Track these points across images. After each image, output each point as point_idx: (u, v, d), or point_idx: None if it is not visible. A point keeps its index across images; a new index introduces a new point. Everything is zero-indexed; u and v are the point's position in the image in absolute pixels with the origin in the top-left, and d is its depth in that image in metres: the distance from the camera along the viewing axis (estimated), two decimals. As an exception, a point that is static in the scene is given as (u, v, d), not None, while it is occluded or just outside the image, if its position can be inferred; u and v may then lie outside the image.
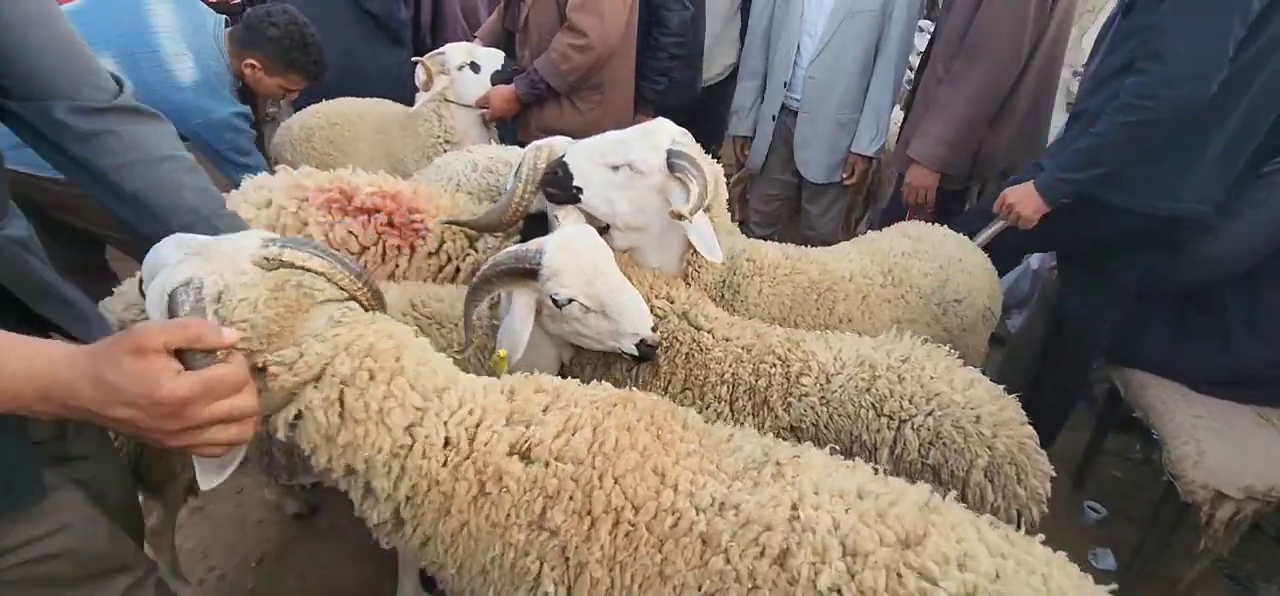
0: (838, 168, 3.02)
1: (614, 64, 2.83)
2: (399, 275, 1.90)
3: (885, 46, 2.81)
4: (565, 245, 1.35)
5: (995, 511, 1.26)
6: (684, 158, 1.53)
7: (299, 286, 0.94)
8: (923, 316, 1.88)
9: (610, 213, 1.57)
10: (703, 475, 1.00)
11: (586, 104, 2.85)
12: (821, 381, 1.39)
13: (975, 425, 1.27)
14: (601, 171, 1.54)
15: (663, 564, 0.94)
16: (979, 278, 1.95)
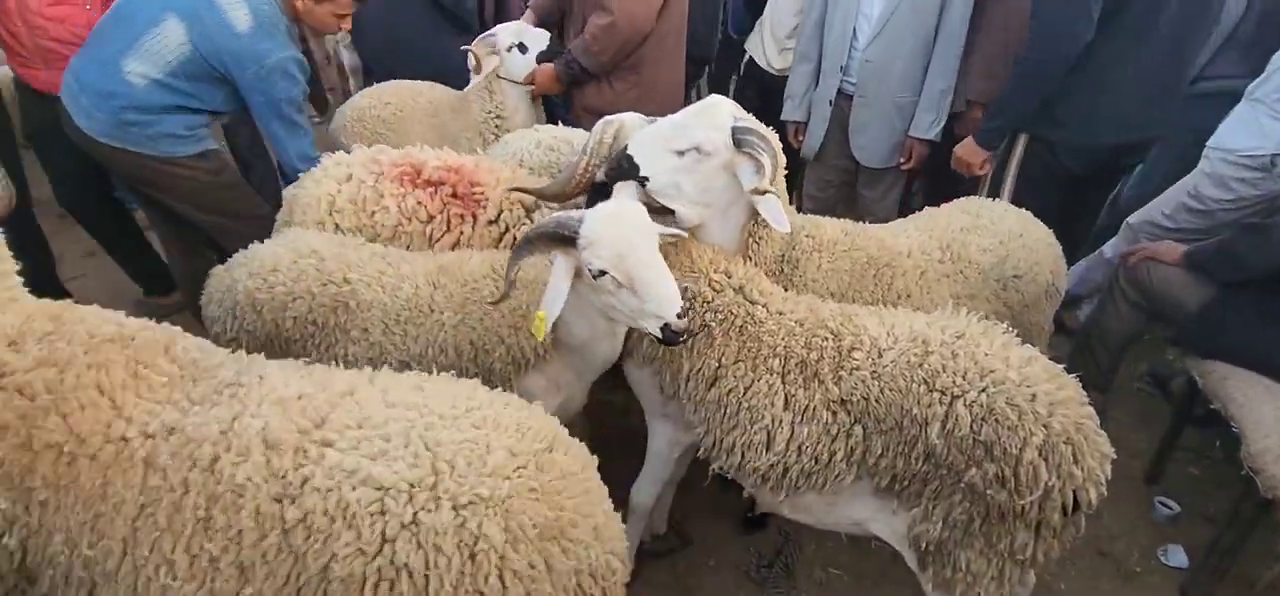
0: (895, 152, 2.97)
1: (652, 45, 2.89)
2: (464, 241, 2.04)
3: (945, 28, 2.74)
4: (606, 217, 1.41)
5: (1049, 491, 1.25)
6: (750, 132, 1.57)
7: None
8: (982, 292, 1.86)
9: (677, 196, 1.61)
10: (162, 405, 1.15)
11: (622, 84, 2.92)
12: (873, 355, 1.40)
13: (1030, 403, 1.26)
14: (667, 157, 1.58)
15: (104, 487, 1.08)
16: (1041, 252, 1.91)
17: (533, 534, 1.10)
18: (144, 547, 1.07)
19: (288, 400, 1.17)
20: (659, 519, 2.38)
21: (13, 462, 1.08)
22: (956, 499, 1.33)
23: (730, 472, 1.65)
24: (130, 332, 1.22)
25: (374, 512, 1.05)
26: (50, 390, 1.11)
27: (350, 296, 1.73)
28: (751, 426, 1.50)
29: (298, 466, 1.08)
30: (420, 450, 1.10)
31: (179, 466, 1.09)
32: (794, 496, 1.56)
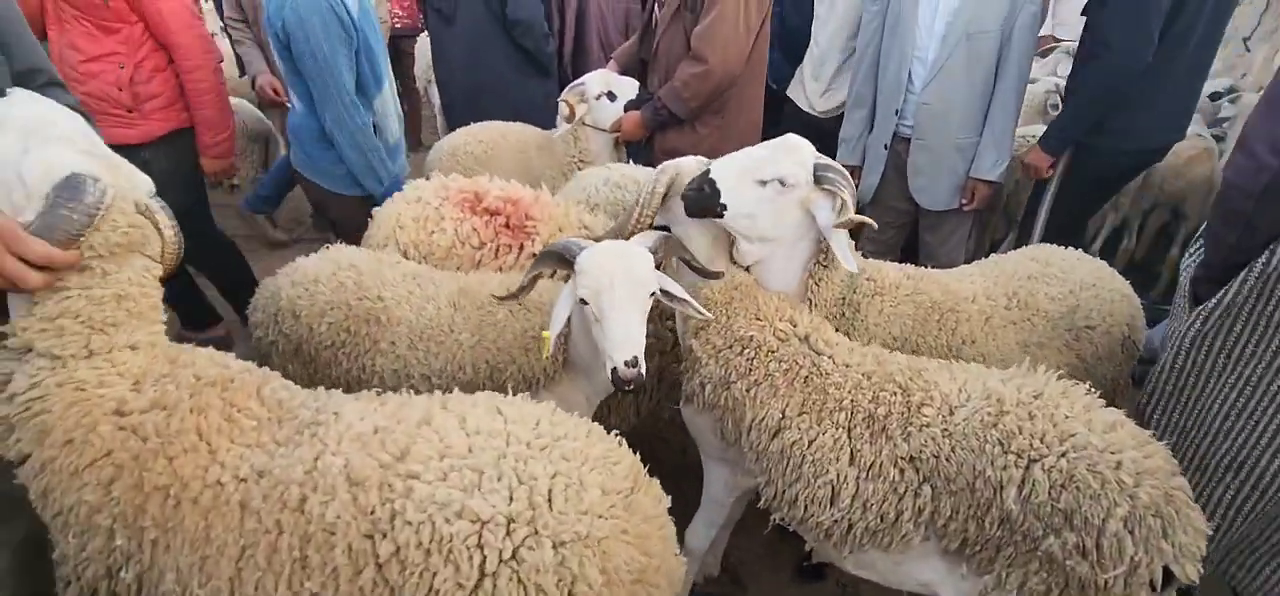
0: (956, 193, 2.92)
1: (737, 89, 2.96)
2: (505, 268, 2.17)
3: (1006, 67, 2.70)
4: (603, 251, 1.50)
5: (1136, 566, 1.19)
6: (831, 169, 1.60)
7: (144, 235, 1.22)
8: (1052, 342, 1.81)
9: (751, 227, 1.63)
10: (252, 448, 1.20)
11: (706, 127, 3.00)
12: (944, 412, 1.37)
13: (1115, 471, 1.20)
14: (749, 187, 1.59)
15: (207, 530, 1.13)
16: (1116, 304, 1.85)
17: (626, 578, 1.12)
18: (249, 586, 1.12)
19: (366, 435, 1.20)
20: (713, 561, 2.36)
21: (127, 502, 1.15)
22: (1033, 567, 1.28)
23: (793, 524, 1.62)
24: (230, 376, 1.29)
25: (472, 546, 1.06)
26: (159, 433, 1.17)
27: (382, 311, 1.84)
28: (815, 480, 1.48)
29: (385, 501, 1.11)
30: (514, 483, 1.11)
31: (271, 509, 1.13)
32: (858, 553, 1.52)
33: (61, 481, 1.16)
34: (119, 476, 1.15)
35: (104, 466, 1.15)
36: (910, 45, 2.80)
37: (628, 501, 1.18)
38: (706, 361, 1.67)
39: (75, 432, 1.14)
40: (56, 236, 1.10)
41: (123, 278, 1.19)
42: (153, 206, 1.24)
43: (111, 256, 1.17)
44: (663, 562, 1.21)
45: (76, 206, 1.10)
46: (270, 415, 1.27)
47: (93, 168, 1.14)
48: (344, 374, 1.85)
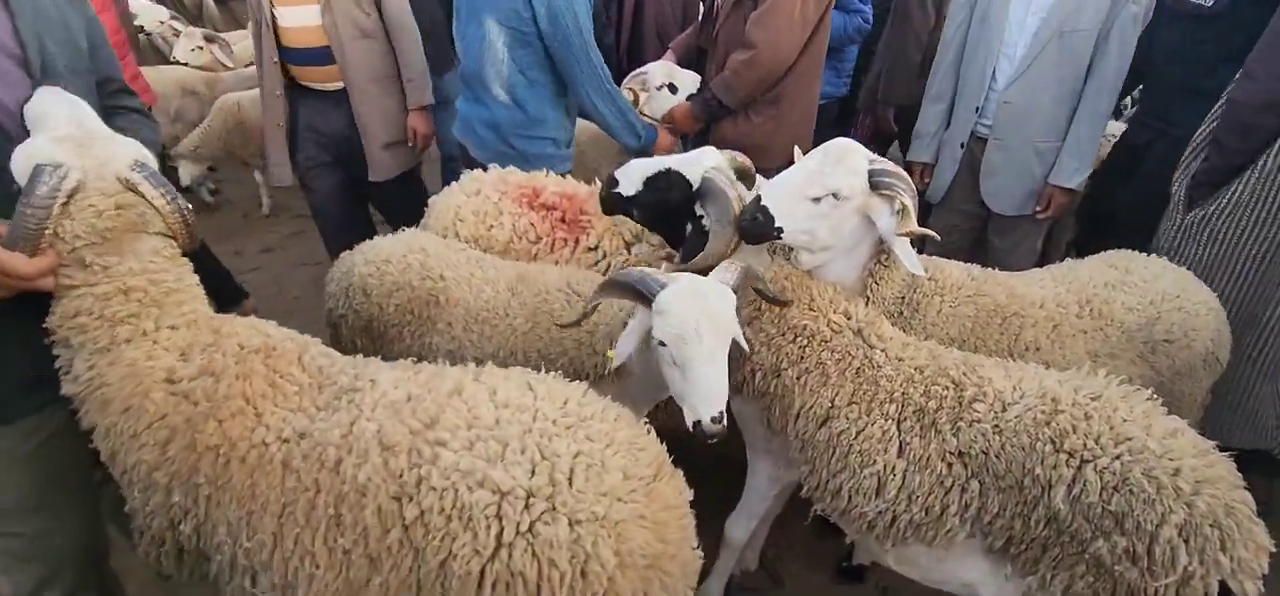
0: (1031, 199, 2.87)
1: (792, 80, 2.96)
2: (561, 262, 2.27)
3: (1099, 69, 2.64)
4: (686, 293, 1.43)
5: (1189, 577, 1.20)
6: (887, 174, 1.64)
7: (141, 215, 1.26)
8: (1126, 353, 1.80)
9: (810, 242, 1.69)
10: (294, 412, 1.30)
11: (760, 117, 3.02)
12: (996, 409, 1.41)
13: (1172, 477, 1.22)
14: (802, 206, 1.64)
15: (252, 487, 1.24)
16: (1201, 319, 1.82)
17: (640, 562, 1.17)
18: (289, 541, 1.23)
19: (398, 403, 1.28)
20: (751, 555, 2.42)
21: (182, 461, 1.28)
22: (1079, 571, 1.30)
23: (834, 515, 1.67)
24: (273, 344, 1.40)
25: (490, 515, 1.13)
26: (208, 398, 1.29)
27: (442, 292, 1.96)
28: (861, 470, 1.53)
29: (412, 466, 1.18)
30: (537, 458, 1.17)
31: (310, 468, 1.23)
32: (900, 547, 1.57)
33: (123, 444, 1.31)
34: (173, 438, 1.29)
35: (159, 429, 1.29)
36: (998, 40, 2.77)
37: (649, 488, 1.23)
38: (759, 350, 1.74)
39: (131, 400, 1.27)
40: (18, 240, 1.16)
41: (124, 269, 1.25)
42: (134, 178, 1.24)
43: (104, 244, 1.22)
44: (678, 552, 1.25)
45: (29, 202, 1.14)
46: (311, 381, 1.37)
47: (59, 153, 1.18)
48: (407, 351, 1.99)
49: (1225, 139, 2.15)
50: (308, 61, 3.04)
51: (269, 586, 1.25)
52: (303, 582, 1.21)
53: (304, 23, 2.94)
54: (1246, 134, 2.11)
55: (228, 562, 1.30)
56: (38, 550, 1.49)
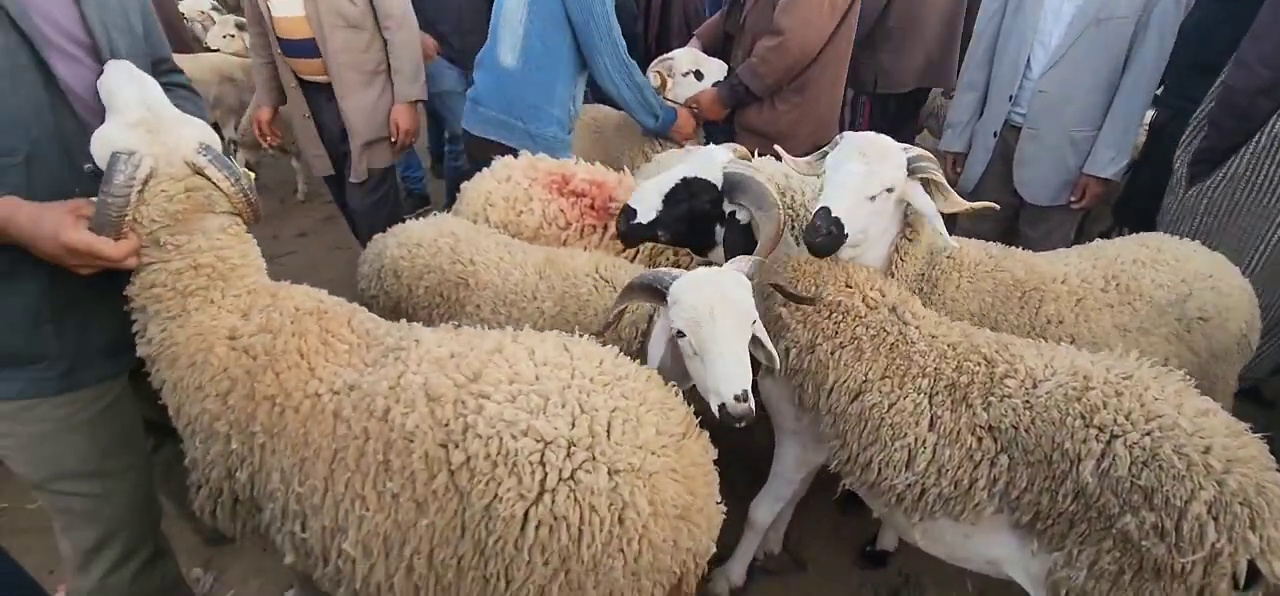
0: (1065, 189, 2.87)
1: (817, 69, 3.01)
2: (590, 248, 2.33)
3: (1138, 57, 2.62)
4: (698, 281, 1.47)
5: (1217, 554, 1.22)
6: (920, 157, 1.71)
7: (207, 196, 1.38)
8: (1157, 329, 1.82)
9: (862, 237, 1.74)
10: (344, 367, 1.41)
11: (785, 105, 3.07)
12: (1027, 385, 1.44)
13: (1203, 455, 1.24)
14: (860, 207, 1.69)
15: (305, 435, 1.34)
16: (1234, 299, 1.84)
17: (671, 512, 1.26)
18: (340, 486, 1.32)
19: (443, 359, 1.37)
20: (774, 538, 2.46)
21: (240, 410, 1.39)
22: (1106, 545, 1.33)
23: (863, 489, 1.71)
24: (325, 307, 1.51)
25: (535, 462, 1.21)
26: (266, 352, 1.40)
27: (471, 275, 2.04)
28: (892, 443, 1.57)
29: (458, 416, 1.26)
30: (577, 411, 1.25)
31: (360, 417, 1.33)
32: (928, 521, 1.60)
33: (188, 395, 1.42)
34: (233, 388, 1.40)
35: (221, 380, 1.40)
36: (1032, 28, 2.77)
37: (679, 444, 1.31)
38: (794, 326, 1.78)
39: (197, 355, 1.39)
40: (107, 226, 1.28)
41: (194, 246, 1.37)
42: (201, 162, 1.36)
43: (177, 225, 1.35)
44: (706, 505, 1.34)
45: (109, 191, 1.26)
46: (359, 341, 1.48)
47: (132, 139, 1.30)
48: None
49: (1223, 121, 2.40)
50: (297, 53, 2.98)
51: (319, 530, 1.34)
52: (352, 525, 1.29)
53: (290, 12, 2.88)
54: (1243, 117, 2.35)
55: (280, 510, 1.39)
56: (96, 512, 1.59)
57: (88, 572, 1.62)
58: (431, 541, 1.27)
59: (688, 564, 1.34)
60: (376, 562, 1.30)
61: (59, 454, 1.51)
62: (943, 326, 1.64)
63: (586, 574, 1.21)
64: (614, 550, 1.21)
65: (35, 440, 1.48)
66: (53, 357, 1.45)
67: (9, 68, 1.29)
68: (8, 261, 1.33)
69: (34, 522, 2.63)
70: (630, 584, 1.25)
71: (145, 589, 1.71)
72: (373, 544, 1.30)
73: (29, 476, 1.53)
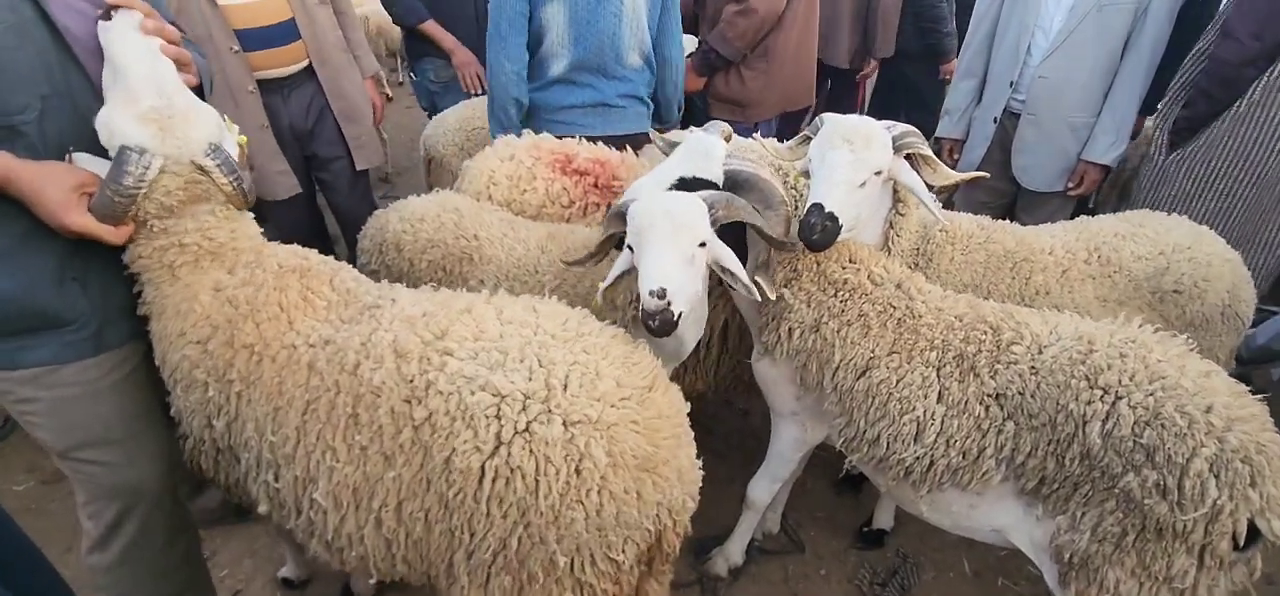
0: (1062, 175, 2.94)
1: (781, 35, 3.22)
2: (593, 226, 2.34)
3: (1137, 42, 2.70)
4: (647, 194, 1.55)
5: (1218, 511, 1.26)
6: (905, 135, 1.75)
7: (206, 189, 1.41)
8: (1133, 300, 1.92)
9: (856, 221, 1.76)
10: (321, 322, 1.45)
11: (751, 72, 3.31)
12: (1033, 351, 1.49)
13: (1205, 414, 1.29)
14: (852, 195, 1.71)
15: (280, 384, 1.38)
16: (1214, 269, 1.91)
17: (631, 462, 1.29)
18: (311, 436, 1.36)
19: (414, 317, 1.41)
20: (772, 519, 2.50)
21: (219, 356, 1.42)
22: (1109, 506, 1.37)
23: (870, 465, 1.73)
24: (309, 265, 1.55)
25: (490, 416, 1.25)
26: (248, 303, 1.44)
27: (475, 250, 2.07)
28: (901, 417, 1.61)
29: (422, 372, 1.30)
30: (534, 365, 1.29)
31: (332, 371, 1.37)
32: (936, 493, 1.63)
33: (171, 343, 1.46)
34: (214, 335, 1.43)
35: (202, 326, 1.44)
36: (1033, 14, 2.83)
37: (643, 396, 1.35)
38: (797, 307, 1.80)
39: (182, 304, 1.44)
40: (106, 215, 1.33)
41: (181, 229, 1.41)
42: (207, 166, 1.39)
43: (170, 214, 1.39)
44: (672, 457, 1.36)
45: (118, 189, 1.30)
46: (339, 298, 1.53)
47: (144, 136, 1.30)
48: None
49: (1212, 91, 2.56)
50: (262, 44, 2.66)
51: (292, 480, 1.37)
52: (323, 475, 1.33)
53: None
54: (1230, 85, 2.52)
55: (254, 459, 1.43)
56: (117, 480, 1.59)
57: (108, 548, 1.63)
58: (398, 494, 1.31)
59: (662, 519, 1.37)
60: (346, 514, 1.34)
61: (85, 420, 1.52)
62: (948, 299, 1.69)
63: (547, 527, 1.25)
64: (572, 501, 1.24)
65: (61, 405, 1.49)
66: (83, 318, 1.46)
67: (15, 22, 1.29)
68: (29, 223, 1.34)
69: (22, 504, 2.61)
70: (597, 538, 1.28)
71: (165, 563, 1.72)
72: (343, 495, 1.33)
73: (54, 445, 1.54)
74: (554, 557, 1.26)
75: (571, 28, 2.60)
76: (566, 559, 1.27)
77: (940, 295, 1.71)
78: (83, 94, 1.38)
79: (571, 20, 2.59)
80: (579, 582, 1.32)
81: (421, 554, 1.35)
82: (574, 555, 1.28)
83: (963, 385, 1.55)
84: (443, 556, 1.33)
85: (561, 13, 2.57)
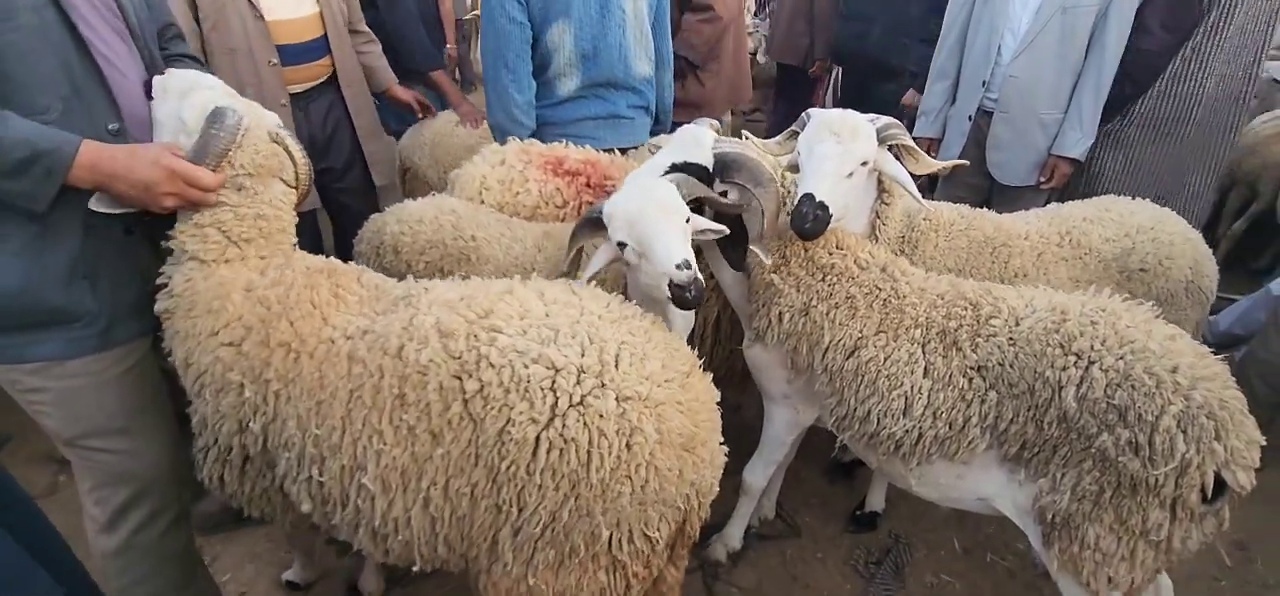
0: (1035, 170, 3.06)
1: (728, 37, 3.50)
2: None
3: (1099, 41, 2.83)
4: (624, 193, 1.61)
5: (1187, 465, 1.34)
6: (889, 126, 1.84)
7: (280, 162, 1.54)
8: (1103, 280, 2.02)
9: (843, 212, 1.83)
10: (355, 315, 1.51)
11: (707, 74, 3.60)
12: (1011, 323, 1.57)
13: (1171, 373, 1.38)
14: (840, 185, 1.78)
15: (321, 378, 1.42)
16: (1176, 247, 2.02)
17: (676, 441, 1.34)
18: (357, 423, 1.38)
19: (453, 301, 1.45)
20: (768, 504, 2.57)
21: (255, 356, 1.45)
22: (1086, 466, 1.46)
23: (861, 442, 1.80)
24: (334, 267, 1.61)
25: (546, 387, 1.28)
26: (280, 302, 1.47)
27: (473, 250, 2.12)
28: (890, 393, 1.69)
29: (471, 348, 1.34)
30: (587, 342, 1.33)
31: (374, 357, 1.40)
32: (925, 465, 1.71)
33: (200, 344, 1.47)
34: (248, 336, 1.46)
35: (236, 327, 1.46)
36: (1002, 17, 2.96)
37: (684, 380, 1.41)
38: (787, 291, 1.88)
39: (214, 303, 1.46)
40: (208, 156, 1.42)
41: (264, 199, 1.51)
42: (283, 135, 1.55)
43: (257, 175, 1.49)
44: (709, 439, 1.43)
45: (221, 129, 1.43)
46: (369, 293, 1.58)
47: (233, 103, 1.48)
48: None
49: (1139, 77, 2.99)
50: (299, 59, 2.77)
51: (338, 470, 1.39)
52: (371, 459, 1.36)
53: (298, 12, 2.72)
54: (1155, 71, 2.97)
55: (297, 457, 1.44)
56: (127, 469, 1.63)
57: (116, 531, 1.66)
58: (447, 471, 1.33)
59: (692, 500, 1.42)
60: (395, 497, 1.37)
61: (91, 410, 1.55)
62: (930, 279, 1.78)
63: (595, 499, 1.28)
64: (622, 475, 1.28)
65: (68, 396, 1.52)
66: (91, 315, 1.50)
67: (38, 23, 1.34)
68: (41, 224, 1.39)
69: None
70: (637, 513, 1.32)
71: (172, 547, 1.75)
72: (391, 477, 1.36)
73: (61, 433, 1.57)
74: (597, 531, 1.30)
75: (579, 46, 2.60)
76: (608, 532, 1.31)
77: (923, 276, 1.79)
78: (97, 101, 1.44)
79: (579, 39, 2.58)
80: (615, 561, 1.36)
81: (463, 532, 1.37)
82: (615, 529, 1.32)
83: (947, 359, 1.63)
84: (486, 533, 1.36)
85: (567, 34, 2.57)
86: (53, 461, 1.85)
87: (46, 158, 1.29)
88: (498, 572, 1.37)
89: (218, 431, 1.51)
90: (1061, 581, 1.61)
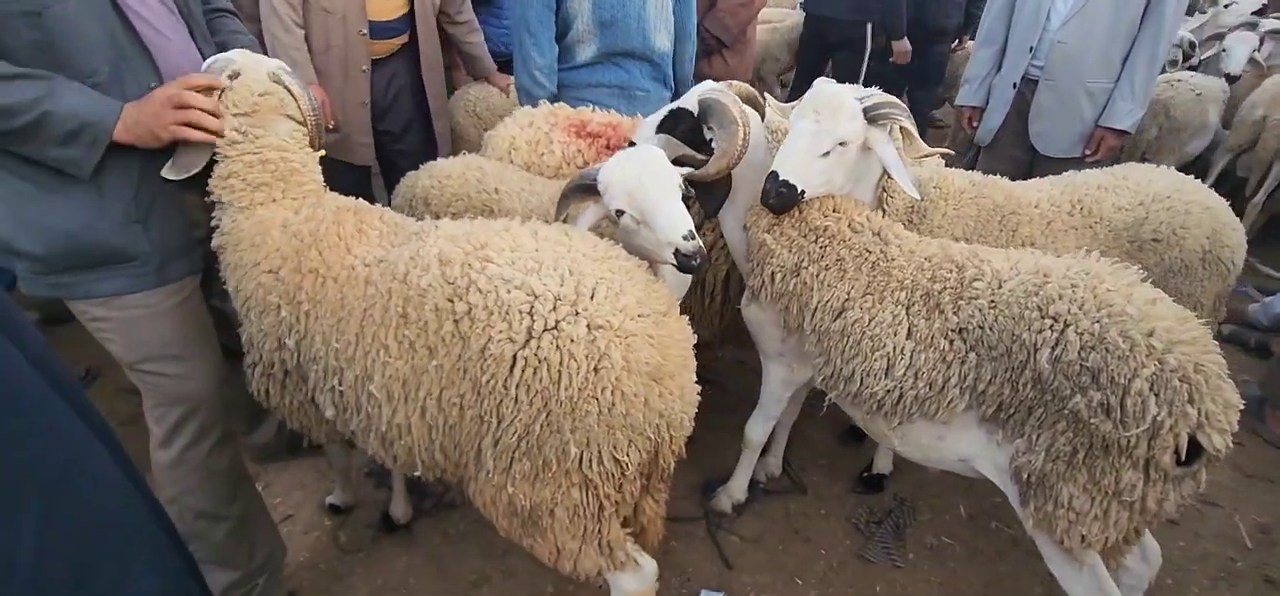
0: (1079, 142, 2.95)
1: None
2: None
3: (1155, 10, 2.67)
4: (619, 160, 1.66)
5: (1159, 427, 1.34)
6: (880, 105, 1.81)
7: (280, 100, 1.69)
8: (1113, 250, 1.96)
9: (831, 188, 1.86)
10: (375, 247, 1.67)
11: (732, 54, 3.73)
12: (994, 286, 1.58)
13: (1146, 337, 1.37)
14: (813, 164, 1.80)
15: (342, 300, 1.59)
16: (1193, 217, 1.94)
17: (643, 370, 1.43)
18: (368, 338, 1.56)
19: (457, 235, 1.58)
20: (774, 462, 2.64)
21: (290, 281, 1.64)
22: (1060, 428, 1.46)
23: (847, 400, 1.85)
24: (361, 206, 1.78)
25: (524, 311, 1.40)
26: (312, 235, 1.66)
27: (496, 202, 2.27)
28: (873, 354, 1.72)
29: (464, 274, 1.47)
30: (566, 274, 1.45)
31: (385, 280, 1.56)
32: (906, 425, 1.74)
33: (247, 274, 1.68)
34: (284, 264, 1.65)
35: (274, 258, 1.66)
36: (1052, -20, 2.84)
37: (658, 319, 1.49)
38: (779, 251, 1.92)
39: (256, 238, 1.67)
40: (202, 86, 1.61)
41: (267, 141, 1.67)
42: (283, 75, 1.70)
43: (253, 115, 1.65)
44: (679, 374, 1.51)
45: (211, 68, 1.67)
46: (389, 229, 1.74)
47: (234, 57, 1.69)
48: None
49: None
50: (386, 34, 3.07)
51: (352, 380, 1.58)
52: (377, 370, 1.53)
53: None
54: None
55: (322, 369, 1.64)
56: (179, 390, 1.87)
57: (170, 446, 1.91)
58: (440, 383, 1.49)
59: (661, 431, 1.51)
60: (397, 405, 1.54)
61: (148, 338, 1.79)
62: (922, 244, 1.78)
63: (564, 416, 1.40)
64: (589, 395, 1.39)
65: (129, 325, 1.76)
66: (145, 255, 1.72)
67: None
68: (99, 176, 1.59)
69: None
70: (605, 434, 1.43)
71: (218, 464, 1.98)
72: (394, 387, 1.53)
73: (124, 358, 1.81)
74: (567, 447, 1.42)
75: (598, 14, 2.68)
76: (578, 450, 1.43)
77: (915, 240, 1.80)
78: (140, 69, 1.63)
79: (598, 7, 2.67)
80: (586, 479, 1.48)
81: (455, 440, 1.53)
82: (584, 447, 1.43)
83: (929, 321, 1.64)
84: (472, 442, 1.51)
85: (587, 1, 2.68)
86: (134, 394, 2.10)
87: (92, 127, 1.50)
88: (482, 480, 1.53)
89: (262, 348, 1.73)
90: (1038, 539, 1.63)
